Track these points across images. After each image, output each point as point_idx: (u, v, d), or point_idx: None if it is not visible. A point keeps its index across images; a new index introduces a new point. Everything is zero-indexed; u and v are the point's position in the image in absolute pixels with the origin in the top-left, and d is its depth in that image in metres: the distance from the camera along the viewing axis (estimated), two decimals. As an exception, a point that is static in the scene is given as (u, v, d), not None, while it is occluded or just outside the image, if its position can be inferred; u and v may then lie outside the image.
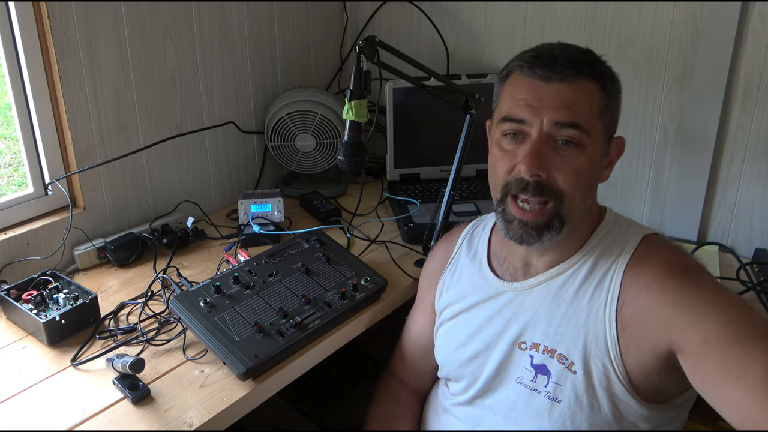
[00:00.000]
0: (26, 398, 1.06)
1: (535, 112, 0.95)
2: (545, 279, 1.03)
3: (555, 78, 0.95)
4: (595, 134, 0.97)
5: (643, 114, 1.57)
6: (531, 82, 0.97)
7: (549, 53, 0.97)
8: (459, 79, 1.72)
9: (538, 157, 0.95)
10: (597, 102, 0.97)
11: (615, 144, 1.04)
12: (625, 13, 1.53)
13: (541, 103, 0.95)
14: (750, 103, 1.42)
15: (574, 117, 0.94)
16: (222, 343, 1.11)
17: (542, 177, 0.96)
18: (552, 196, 0.96)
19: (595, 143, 0.97)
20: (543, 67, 0.95)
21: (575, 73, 0.95)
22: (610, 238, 1.02)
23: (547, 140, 0.96)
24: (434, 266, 1.24)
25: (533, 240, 0.99)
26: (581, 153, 0.96)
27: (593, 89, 0.97)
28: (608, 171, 1.04)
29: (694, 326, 0.87)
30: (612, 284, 0.97)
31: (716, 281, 0.95)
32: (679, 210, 1.57)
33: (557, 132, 0.95)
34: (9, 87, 1.35)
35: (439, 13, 1.86)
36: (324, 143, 1.76)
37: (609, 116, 0.99)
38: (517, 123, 0.97)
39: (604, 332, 0.96)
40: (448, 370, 1.15)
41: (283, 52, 1.84)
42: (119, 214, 1.54)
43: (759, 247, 1.47)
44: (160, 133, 1.58)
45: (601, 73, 0.98)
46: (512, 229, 1.00)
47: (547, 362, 1.00)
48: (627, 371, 0.94)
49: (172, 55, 1.56)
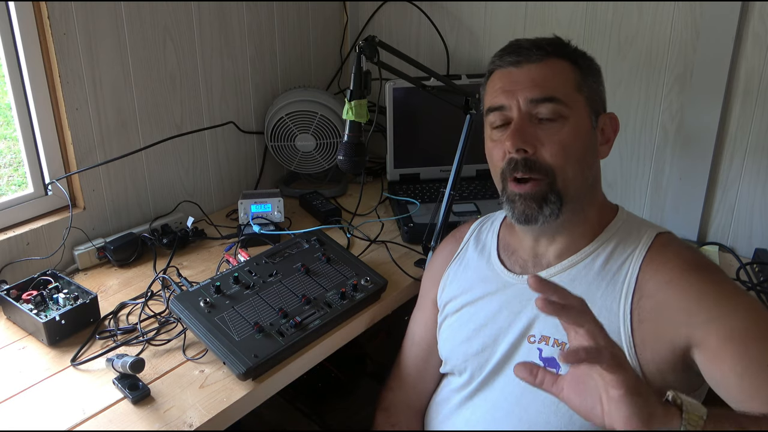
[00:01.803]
0: (26, 398, 1.06)
1: (511, 95, 1.00)
2: (557, 271, 1.04)
3: (523, 60, 1.01)
4: (575, 106, 1.00)
5: (643, 114, 1.57)
6: (504, 72, 1.03)
7: (516, 43, 1.04)
8: (459, 79, 1.72)
9: (520, 133, 0.99)
10: (570, 76, 1.01)
11: (606, 120, 1.05)
12: (625, 13, 1.53)
13: (515, 86, 1.00)
14: (750, 102, 1.42)
15: (547, 92, 0.99)
16: (222, 343, 1.11)
17: (529, 153, 0.99)
18: (543, 172, 0.99)
19: (577, 115, 1.00)
20: (511, 54, 1.02)
21: (543, 53, 1.01)
22: (624, 232, 1.03)
23: (529, 119, 1.00)
24: (439, 263, 1.24)
25: (536, 213, 0.99)
26: (563, 125, 0.99)
27: (564, 66, 1.01)
28: (606, 147, 1.06)
29: (716, 321, 0.89)
30: (628, 278, 0.98)
31: (731, 279, 0.97)
32: (679, 210, 1.57)
33: (535, 109, 0.99)
34: (9, 87, 1.35)
35: (439, 13, 1.86)
36: (324, 143, 1.76)
37: (588, 89, 1.02)
38: (499, 110, 1.02)
39: (618, 326, 0.96)
40: (452, 364, 1.14)
41: (283, 52, 1.84)
42: (119, 214, 1.54)
43: (759, 247, 1.47)
44: (160, 133, 1.58)
45: (569, 51, 1.03)
46: (516, 209, 1.02)
47: (556, 355, 0.99)
48: (641, 366, 0.94)
49: (172, 55, 1.56)
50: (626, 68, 1.56)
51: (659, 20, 1.49)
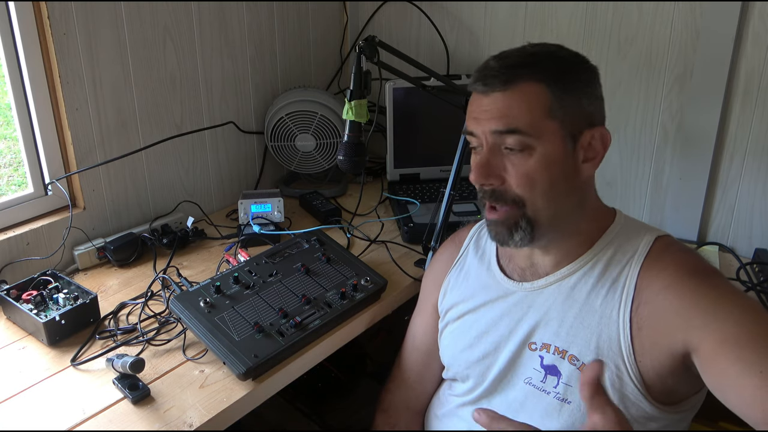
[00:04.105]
0: (26, 398, 1.06)
1: (478, 124, 0.98)
2: (556, 279, 1.03)
3: (488, 90, 0.96)
4: (543, 135, 0.95)
5: (643, 114, 1.57)
6: (476, 97, 1.00)
7: (486, 66, 0.99)
8: (459, 79, 1.72)
9: (484, 167, 0.97)
10: (541, 102, 0.95)
11: (592, 137, 0.98)
12: (625, 13, 1.53)
13: (482, 115, 0.97)
14: (750, 103, 1.42)
15: (510, 123, 0.95)
16: (222, 343, 1.11)
17: (495, 185, 0.98)
18: (510, 201, 0.98)
19: (547, 143, 0.95)
20: (479, 81, 0.98)
21: (509, 79, 0.95)
22: (622, 239, 1.02)
23: (497, 149, 0.97)
24: (439, 267, 1.24)
25: (506, 238, 1.00)
26: (530, 155, 0.95)
27: (534, 90, 0.95)
28: (590, 165, 1.00)
29: (712, 325, 0.88)
30: (626, 285, 0.97)
31: (731, 283, 0.95)
32: (679, 210, 1.57)
33: (500, 140, 0.96)
34: (9, 87, 1.35)
35: (439, 13, 1.86)
36: (324, 143, 1.76)
37: (564, 112, 0.96)
38: (471, 136, 1.00)
39: (617, 333, 0.95)
40: (455, 371, 1.15)
41: (283, 52, 1.84)
42: (119, 214, 1.54)
43: (759, 247, 1.47)
44: (160, 133, 1.58)
45: (542, 71, 0.96)
46: (491, 231, 1.03)
47: (557, 363, 1.00)
48: (641, 372, 0.94)
49: (172, 55, 1.56)
50: (626, 68, 1.56)
51: (659, 20, 1.49)
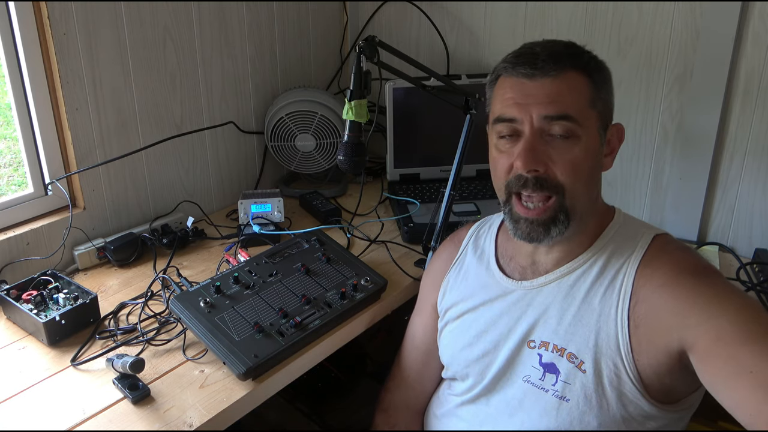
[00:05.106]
0: (26, 398, 1.06)
1: (524, 109, 0.97)
2: (556, 277, 1.03)
3: (538, 74, 0.96)
4: (588, 124, 0.97)
5: (643, 114, 1.57)
6: (516, 81, 0.98)
7: (530, 51, 0.99)
8: (459, 79, 1.72)
9: (532, 153, 0.96)
10: (585, 92, 0.97)
11: (613, 131, 1.04)
12: (625, 13, 1.53)
13: (528, 100, 0.96)
14: (750, 103, 1.42)
15: (563, 109, 0.95)
16: (222, 343, 1.11)
17: (540, 172, 0.97)
18: (553, 190, 0.97)
19: (589, 132, 0.98)
20: (525, 65, 0.97)
21: (558, 66, 0.96)
22: (621, 237, 1.03)
23: (540, 135, 0.97)
24: (438, 267, 1.24)
25: (542, 236, 0.99)
26: (576, 144, 0.97)
27: (579, 80, 0.97)
28: (610, 159, 1.04)
29: (706, 323, 0.88)
30: (624, 284, 0.97)
31: (729, 282, 0.95)
32: (679, 210, 1.57)
33: (549, 126, 0.96)
34: (9, 87, 1.35)
35: (439, 13, 1.86)
36: (324, 143, 1.76)
37: (601, 104, 0.99)
38: (509, 122, 0.99)
39: (615, 331, 0.96)
40: (454, 370, 1.15)
41: (283, 52, 1.84)
42: (119, 214, 1.54)
43: (759, 247, 1.47)
44: (160, 133, 1.58)
45: (585, 63, 0.99)
46: (520, 228, 1.01)
47: (556, 361, 1.00)
48: (638, 371, 0.94)
49: (172, 55, 1.56)
50: (626, 68, 1.56)
51: (659, 20, 1.49)
